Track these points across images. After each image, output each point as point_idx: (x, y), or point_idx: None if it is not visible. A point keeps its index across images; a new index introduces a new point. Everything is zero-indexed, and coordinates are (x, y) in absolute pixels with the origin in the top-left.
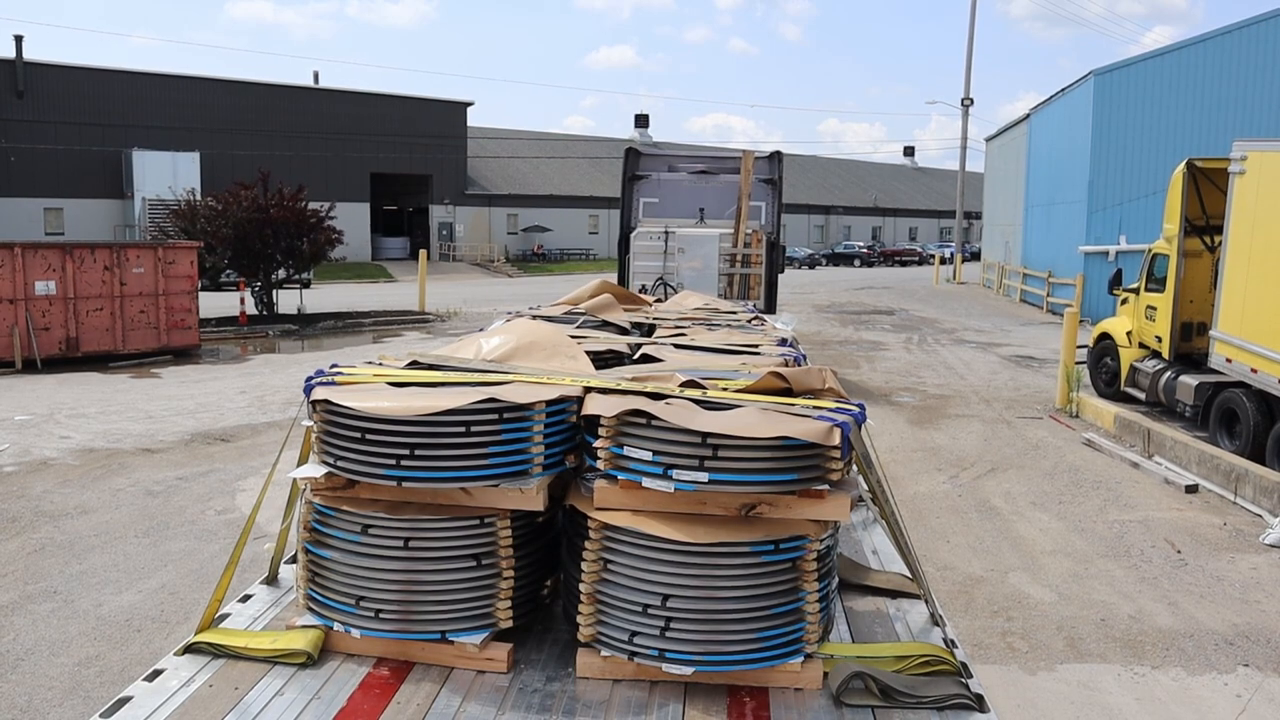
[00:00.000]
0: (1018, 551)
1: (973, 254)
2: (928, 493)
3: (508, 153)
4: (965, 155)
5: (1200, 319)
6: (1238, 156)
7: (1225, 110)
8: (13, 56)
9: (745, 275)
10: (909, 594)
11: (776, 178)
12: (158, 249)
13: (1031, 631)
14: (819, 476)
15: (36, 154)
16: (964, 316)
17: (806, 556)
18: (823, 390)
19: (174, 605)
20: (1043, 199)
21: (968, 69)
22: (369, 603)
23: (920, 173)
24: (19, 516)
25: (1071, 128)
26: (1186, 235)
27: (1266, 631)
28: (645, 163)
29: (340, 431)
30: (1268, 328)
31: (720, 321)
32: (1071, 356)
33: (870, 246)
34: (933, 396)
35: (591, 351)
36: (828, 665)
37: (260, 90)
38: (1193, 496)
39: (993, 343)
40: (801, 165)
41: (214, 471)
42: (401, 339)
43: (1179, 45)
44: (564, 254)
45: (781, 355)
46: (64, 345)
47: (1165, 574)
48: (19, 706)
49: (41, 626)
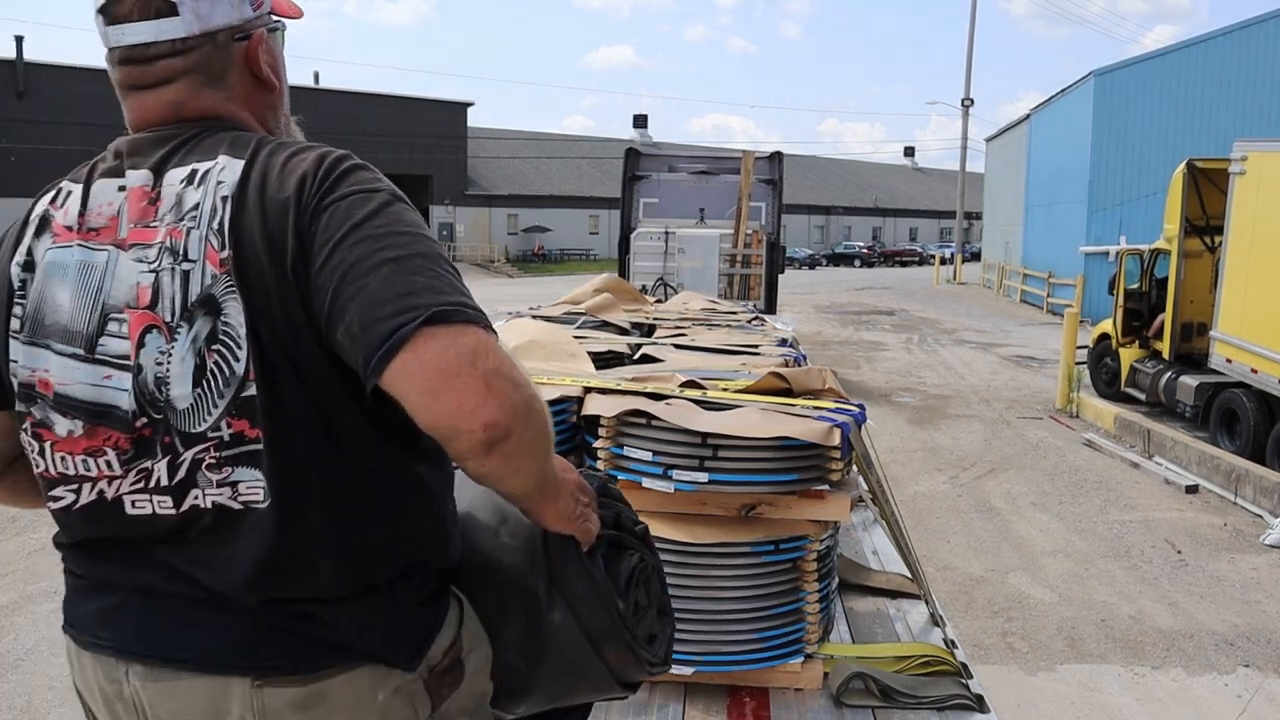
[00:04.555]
0: (1018, 552)
1: (973, 254)
2: (928, 493)
3: (508, 153)
4: (965, 155)
5: (1200, 319)
6: (1238, 157)
7: (1226, 110)
8: (13, 57)
9: (745, 275)
10: (909, 594)
11: (777, 178)
12: None
13: (1032, 632)
14: (819, 477)
15: (36, 154)
16: (964, 317)
17: (806, 557)
18: (823, 390)
19: None
20: (1043, 199)
21: (968, 69)
22: None
23: (920, 173)
24: (19, 516)
25: (1071, 128)
26: (1186, 235)
27: (1267, 632)
28: (645, 163)
29: None
30: (1268, 328)
31: (720, 322)
32: (1071, 357)
33: (870, 247)
34: (933, 397)
35: (592, 351)
36: (828, 665)
37: None
38: (1193, 497)
39: (993, 343)
40: (801, 165)
41: None
42: None
43: (1180, 45)
44: (564, 254)
45: (781, 355)
46: None
47: (1165, 574)
48: (19, 707)
49: (42, 626)
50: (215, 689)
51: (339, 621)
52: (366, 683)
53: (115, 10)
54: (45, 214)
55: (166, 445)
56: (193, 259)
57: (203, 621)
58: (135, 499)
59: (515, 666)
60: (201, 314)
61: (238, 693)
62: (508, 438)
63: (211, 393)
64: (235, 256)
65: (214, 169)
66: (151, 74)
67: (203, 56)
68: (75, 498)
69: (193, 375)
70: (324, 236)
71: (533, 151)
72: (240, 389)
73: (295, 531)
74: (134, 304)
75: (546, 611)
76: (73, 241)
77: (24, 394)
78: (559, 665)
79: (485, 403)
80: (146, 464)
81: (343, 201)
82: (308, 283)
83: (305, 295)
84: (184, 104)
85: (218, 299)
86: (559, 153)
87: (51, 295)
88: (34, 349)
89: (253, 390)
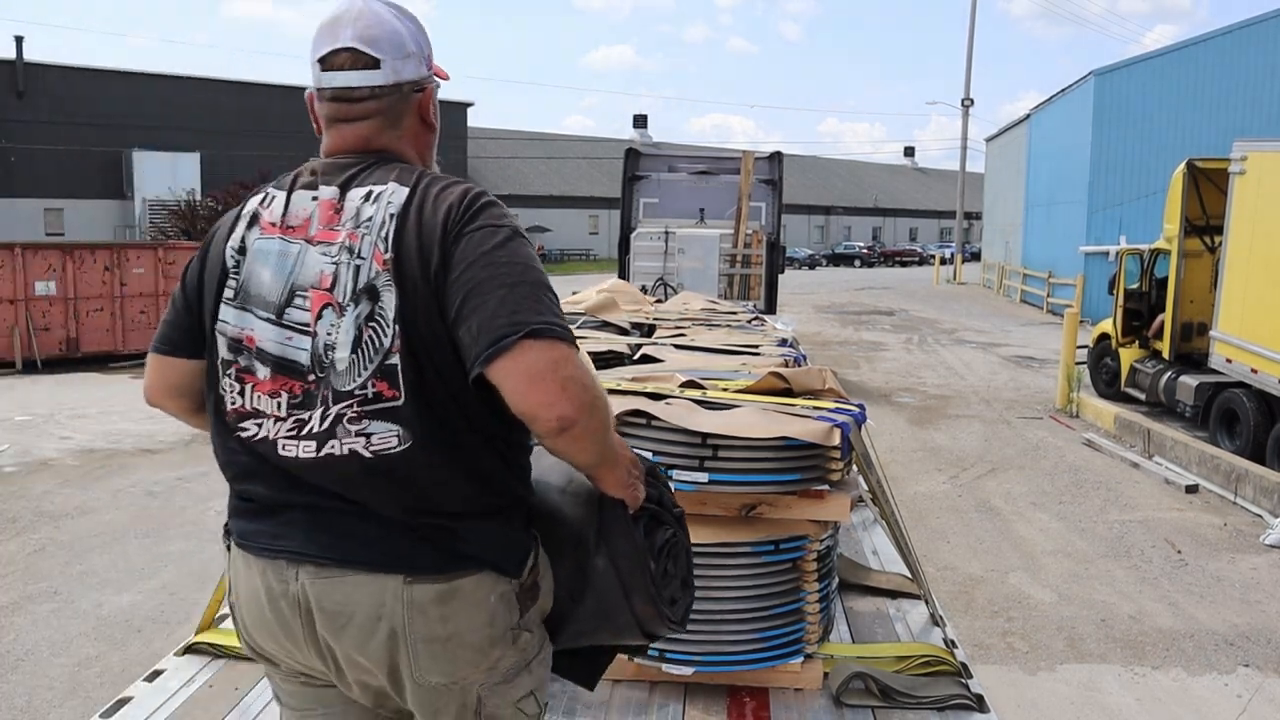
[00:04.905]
0: (1018, 552)
1: (973, 254)
2: (928, 493)
3: (508, 153)
4: (965, 155)
5: (1200, 319)
6: (1238, 157)
7: (1225, 110)
8: (13, 57)
9: (745, 275)
10: (909, 594)
11: (777, 178)
12: (158, 249)
13: (1032, 632)
14: (819, 477)
15: (36, 154)
16: (964, 317)
17: (806, 557)
18: (823, 390)
19: (174, 605)
20: (1043, 199)
21: (968, 69)
22: None
23: (920, 173)
24: (19, 517)
25: (1071, 128)
26: (1186, 235)
27: (1267, 632)
28: (645, 163)
29: None
30: (1268, 328)
31: (720, 322)
32: (1071, 357)
33: (870, 247)
34: (933, 397)
35: (592, 352)
36: (828, 665)
37: (260, 90)
38: (1193, 497)
39: (993, 343)
40: (801, 165)
41: (214, 472)
42: None
43: (1179, 45)
44: (564, 254)
45: (781, 355)
46: (64, 345)
47: (1165, 574)
48: (19, 707)
49: (42, 627)
50: (375, 585)
51: (469, 536)
52: (486, 585)
53: (333, 60)
54: (255, 211)
55: (323, 399)
56: (364, 257)
57: (363, 533)
58: (285, 443)
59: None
60: (365, 298)
61: (392, 588)
62: (574, 426)
63: (363, 358)
64: (394, 259)
65: (385, 191)
66: (353, 111)
67: (391, 102)
68: (257, 430)
69: (352, 343)
70: (460, 256)
71: (533, 151)
72: (385, 358)
73: (430, 469)
74: (317, 285)
75: (593, 557)
76: (275, 235)
77: (233, 346)
78: (595, 605)
79: (559, 400)
80: (305, 414)
81: (477, 232)
82: (444, 288)
83: (440, 296)
84: (370, 139)
85: (378, 289)
86: (559, 153)
87: (256, 273)
88: (243, 313)
89: (395, 360)
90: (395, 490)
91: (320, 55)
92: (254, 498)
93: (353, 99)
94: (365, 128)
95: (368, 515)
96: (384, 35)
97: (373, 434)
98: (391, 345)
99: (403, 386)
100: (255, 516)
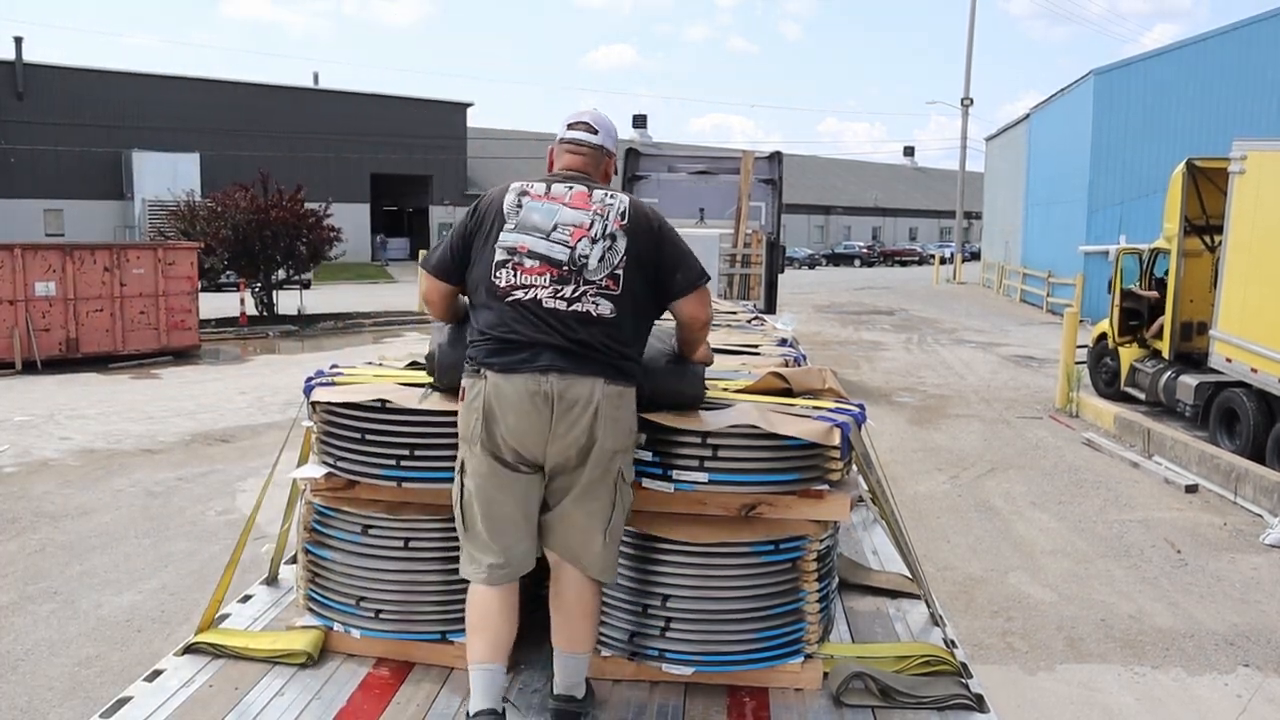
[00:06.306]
0: (1018, 551)
1: (973, 254)
2: (928, 493)
3: (508, 153)
4: (965, 155)
5: (1200, 319)
6: (1237, 156)
7: (1225, 110)
8: (13, 58)
9: (745, 275)
10: (909, 594)
11: (776, 178)
12: (158, 250)
13: (1031, 631)
14: (819, 476)
15: (36, 155)
16: (964, 316)
17: (806, 556)
18: (823, 390)
19: (174, 605)
20: (1043, 199)
21: (968, 69)
22: (369, 603)
23: (920, 173)
24: (19, 517)
25: (1071, 127)
26: (1186, 235)
27: (1267, 632)
28: (645, 163)
29: (340, 432)
30: (1268, 327)
31: (720, 321)
32: (1071, 356)
33: (870, 247)
34: (933, 396)
35: None
36: (828, 665)
37: (260, 91)
38: (1193, 496)
39: (993, 343)
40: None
41: (214, 472)
42: (402, 339)
43: (1179, 45)
44: None
45: (781, 355)
46: (64, 346)
47: (1165, 574)
48: (19, 707)
49: (42, 627)
50: (590, 384)
51: (630, 365)
52: (631, 393)
53: (576, 125)
54: (524, 189)
55: (577, 281)
56: (608, 220)
57: (584, 356)
58: (548, 301)
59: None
60: (606, 239)
61: (600, 385)
62: (705, 329)
63: (603, 265)
64: (629, 225)
65: (617, 195)
66: (580, 154)
67: (599, 155)
68: (525, 294)
69: (599, 257)
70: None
71: (533, 151)
72: (614, 269)
73: (620, 328)
74: (577, 226)
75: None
76: (542, 200)
77: (509, 250)
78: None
79: (704, 315)
80: (563, 288)
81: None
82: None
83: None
84: (589, 169)
85: (616, 236)
86: None
87: (529, 215)
88: (518, 234)
89: (620, 271)
90: (601, 336)
91: (570, 123)
92: (518, 337)
93: (581, 148)
94: (582, 163)
95: (587, 346)
96: (602, 124)
97: (599, 303)
98: (618, 263)
99: (621, 284)
100: (518, 349)
